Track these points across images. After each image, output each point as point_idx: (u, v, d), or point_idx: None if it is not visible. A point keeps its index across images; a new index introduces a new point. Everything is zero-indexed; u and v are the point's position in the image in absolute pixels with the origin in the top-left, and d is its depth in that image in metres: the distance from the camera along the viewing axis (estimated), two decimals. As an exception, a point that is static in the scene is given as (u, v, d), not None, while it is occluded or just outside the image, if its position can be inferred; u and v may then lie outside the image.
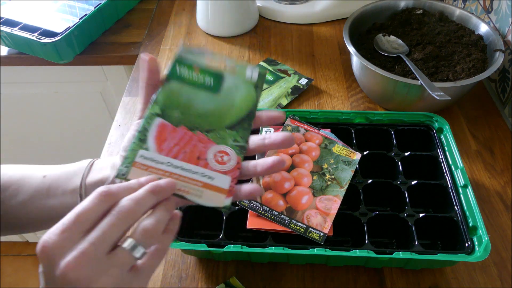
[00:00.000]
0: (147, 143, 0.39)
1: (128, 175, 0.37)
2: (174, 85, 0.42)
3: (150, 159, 0.38)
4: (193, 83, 0.42)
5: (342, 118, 0.67)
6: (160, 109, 0.40)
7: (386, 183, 0.59)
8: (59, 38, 0.85)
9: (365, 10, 0.84)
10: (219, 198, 0.38)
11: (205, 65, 0.43)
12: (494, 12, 0.82)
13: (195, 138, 0.40)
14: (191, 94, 0.41)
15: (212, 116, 0.41)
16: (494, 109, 0.79)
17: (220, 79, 0.42)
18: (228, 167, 0.39)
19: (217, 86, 0.42)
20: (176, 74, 0.42)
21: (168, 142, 0.39)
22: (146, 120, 0.40)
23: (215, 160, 0.39)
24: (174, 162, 0.38)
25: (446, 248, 0.57)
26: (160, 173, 0.37)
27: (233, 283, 0.56)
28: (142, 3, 1.08)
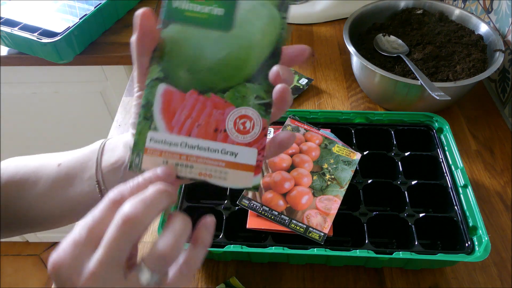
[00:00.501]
0: (154, 121, 0.33)
1: (142, 165, 0.32)
2: (173, 29, 0.33)
3: (162, 142, 0.33)
4: (197, 20, 0.33)
5: (342, 118, 0.67)
6: (162, 70, 0.33)
7: (386, 183, 0.59)
8: (59, 38, 0.85)
9: (365, 10, 0.84)
10: (246, 177, 0.32)
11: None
12: (494, 12, 0.82)
13: (208, 104, 0.33)
14: (197, 38, 0.33)
15: (227, 66, 0.33)
16: (494, 109, 0.79)
17: (231, 3, 0.33)
18: (253, 136, 0.33)
19: (228, 16, 0.33)
20: (174, 9, 0.33)
21: (178, 115, 0.33)
22: (147, 90, 0.33)
23: (236, 130, 0.33)
24: (189, 140, 0.33)
25: (446, 248, 0.57)
26: (176, 157, 0.32)
27: (233, 283, 0.56)
28: (142, 3, 1.08)
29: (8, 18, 0.90)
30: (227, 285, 0.56)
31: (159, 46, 0.33)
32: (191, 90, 0.33)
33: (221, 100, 0.33)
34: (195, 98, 0.33)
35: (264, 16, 0.33)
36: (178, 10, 0.33)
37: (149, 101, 0.33)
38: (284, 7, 0.33)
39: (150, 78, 0.33)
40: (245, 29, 0.33)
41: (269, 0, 0.33)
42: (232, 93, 0.33)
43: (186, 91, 0.33)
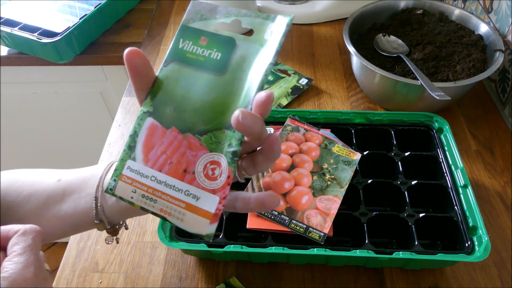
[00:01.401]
0: (135, 152, 0.34)
1: (115, 190, 0.35)
2: (171, 69, 0.35)
3: (136, 172, 0.34)
4: (194, 62, 0.35)
5: (342, 118, 0.67)
6: (152, 105, 0.35)
7: (386, 183, 0.59)
8: (59, 38, 0.85)
9: (365, 10, 0.84)
10: (201, 223, 0.33)
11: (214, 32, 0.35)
12: (494, 12, 0.82)
13: (184, 144, 0.34)
14: (190, 79, 0.35)
15: (211, 110, 0.34)
16: (494, 109, 0.79)
17: (230, 48, 0.35)
18: (218, 184, 0.33)
19: (224, 61, 0.35)
20: (178, 50, 0.35)
21: (155, 150, 0.34)
22: (137, 122, 0.35)
23: (204, 174, 0.33)
24: (159, 176, 0.34)
25: (446, 248, 0.57)
26: (144, 188, 0.34)
27: (233, 283, 0.56)
28: (142, 3, 1.08)
29: (8, 18, 0.90)
30: (227, 285, 0.56)
31: (156, 82, 0.35)
32: (172, 127, 0.34)
33: (196, 142, 0.34)
34: (174, 136, 0.34)
35: (256, 64, 0.34)
36: (181, 51, 0.35)
37: (136, 132, 0.35)
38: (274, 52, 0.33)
39: (142, 110, 0.35)
40: (235, 75, 0.34)
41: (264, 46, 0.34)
42: (209, 136, 0.34)
43: (168, 128, 0.34)
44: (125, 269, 0.58)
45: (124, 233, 0.62)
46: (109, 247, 0.60)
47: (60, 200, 0.41)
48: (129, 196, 0.35)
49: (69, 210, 0.41)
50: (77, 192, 0.41)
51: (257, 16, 0.35)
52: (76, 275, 0.58)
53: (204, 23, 0.36)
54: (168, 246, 0.52)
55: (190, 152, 0.34)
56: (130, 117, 0.80)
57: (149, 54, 0.93)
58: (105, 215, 0.40)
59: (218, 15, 0.36)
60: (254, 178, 0.58)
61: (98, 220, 0.41)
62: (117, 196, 0.35)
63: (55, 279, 0.57)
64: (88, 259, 0.59)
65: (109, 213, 0.41)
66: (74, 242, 0.61)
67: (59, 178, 0.42)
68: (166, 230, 0.53)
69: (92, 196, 0.40)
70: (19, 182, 0.43)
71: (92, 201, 0.40)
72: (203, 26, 0.36)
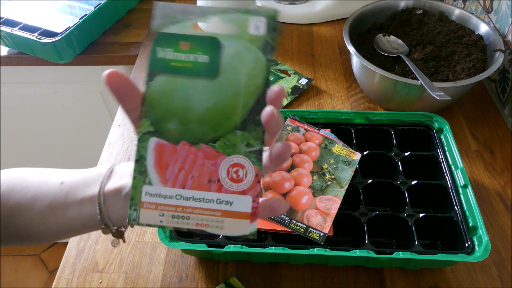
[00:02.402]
0: (148, 175, 0.33)
1: (139, 219, 0.33)
2: (160, 82, 0.33)
3: (157, 195, 0.33)
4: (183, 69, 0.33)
5: (342, 118, 0.67)
6: (152, 123, 0.33)
7: (386, 183, 0.59)
8: (59, 38, 0.85)
9: (365, 10, 0.84)
10: (242, 225, 0.33)
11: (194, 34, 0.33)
12: (494, 12, 0.82)
13: (200, 155, 0.33)
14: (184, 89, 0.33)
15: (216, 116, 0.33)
16: (494, 109, 0.79)
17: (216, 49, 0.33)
18: (246, 184, 0.33)
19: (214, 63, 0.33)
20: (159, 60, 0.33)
21: (171, 168, 0.33)
22: (140, 145, 0.33)
23: (230, 179, 0.33)
24: (184, 192, 0.33)
25: (446, 248, 0.57)
26: (172, 209, 0.33)
27: (233, 283, 0.56)
28: (142, 3, 1.08)
29: (8, 18, 0.90)
30: (227, 285, 0.56)
31: (147, 100, 0.33)
32: (182, 142, 0.33)
33: (212, 150, 0.33)
34: (187, 150, 0.33)
35: (250, 61, 0.33)
36: (163, 60, 0.33)
37: (142, 156, 0.33)
38: (268, 48, 0.33)
39: (141, 132, 0.33)
40: (231, 75, 0.33)
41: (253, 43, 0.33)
42: (222, 142, 0.33)
43: (177, 143, 0.33)
44: (125, 269, 0.58)
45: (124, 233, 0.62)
46: (109, 247, 0.60)
47: (64, 204, 0.41)
48: (157, 221, 0.33)
49: (74, 215, 0.41)
50: (79, 196, 0.41)
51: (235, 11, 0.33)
52: (76, 275, 0.58)
53: (179, 27, 0.33)
54: (168, 246, 0.52)
55: (209, 161, 0.33)
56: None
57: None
58: (110, 219, 0.40)
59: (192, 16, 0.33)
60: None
61: (103, 225, 0.40)
62: (144, 225, 0.33)
63: (55, 279, 0.57)
64: (88, 259, 0.59)
65: (114, 219, 0.40)
66: (74, 242, 0.61)
67: (62, 180, 0.42)
68: (166, 230, 0.53)
69: (95, 202, 0.40)
70: (25, 182, 0.42)
71: (95, 207, 0.40)
72: (178, 29, 0.33)
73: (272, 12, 0.33)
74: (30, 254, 1.66)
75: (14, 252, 1.66)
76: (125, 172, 0.41)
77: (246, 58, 0.33)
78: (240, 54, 0.33)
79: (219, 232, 0.33)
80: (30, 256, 1.65)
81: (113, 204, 0.40)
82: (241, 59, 0.33)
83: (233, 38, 0.33)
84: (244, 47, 0.33)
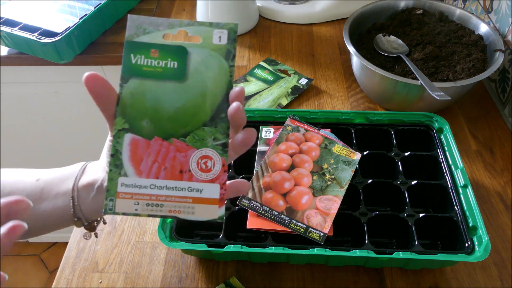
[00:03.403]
0: (124, 168, 0.36)
1: (115, 208, 0.36)
2: (133, 84, 0.37)
3: (133, 185, 0.36)
4: (154, 73, 0.37)
5: (342, 118, 0.67)
6: (127, 121, 0.36)
7: (386, 183, 0.59)
8: (59, 38, 0.85)
9: (365, 10, 0.84)
10: (212, 210, 0.36)
11: (163, 43, 0.37)
12: (494, 12, 0.82)
13: (172, 149, 0.37)
14: (155, 91, 0.37)
15: (185, 114, 0.37)
16: (494, 109, 0.79)
17: (183, 56, 0.37)
18: (214, 174, 0.36)
19: (182, 68, 0.37)
20: (132, 65, 0.37)
21: (145, 161, 0.36)
22: (115, 141, 0.36)
23: (199, 169, 0.36)
24: (157, 182, 0.36)
25: (446, 248, 0.57)
26: (146, 198, 0.36)
27: (233, 283, 0.56)
28: (142, 3, 1.08)
29: (8, 18, 0.90)
30: (227, 285, 0.56)
31: (122, 100, 0.37)
32: (155, 137, 0.37)
33: (183, 144, 0.37)
34: (160, 144, 0.37)
35: (214, 66, 0.37)
36: (136, 66, 0.37)
37: (117, 150, 0.36)
38: (230, 56, 0.37)
39: (116, 129, 0.37)
40: (198, 79, 0.37)
41: (217, 51, 0.37)
42: (192, 137, 0.37)
43: (150, 138, 0.37)
44: (125, 269, 0.58)
45: (124, 233, 0.62)
46: (109, 247, 0.60)
47: (39, 199, 0.43)
48: (132, 209, 0.36)
49: (47, 208, 0.43)
50: (54, 191, 0.43)
51: (200, 24, 0.37)
52: (76, 275, 0.58)
53: (149, 37, 0.37)
54: (168, 246, 0.52)
55: (180, 154, 0.37)
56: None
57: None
58: (82, 213, 0.43)
59: (161, 27, 0.37)
60: (254, 178, 0.58)
61: (76, 218, 0.43)
62: (119, 214, 0.36)
63: (55, 279, 0.57)
64: (88, 259, 0.59)
65: (86, 211, 0.43)
66: (74, 242, 0.61)
67: (37, 177, 0.44)
68: (166, 230, 0.53)
69: (69, 196, 0.42)
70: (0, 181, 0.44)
71: (69, 201, 0.42)
72: (149, 39, 0.37)
73: (232, 26, 0.37)
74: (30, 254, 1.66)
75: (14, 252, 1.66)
76: (97, 168, 0.43)
77: (210, 64, 0.37)
78: (205, 61, 0.37)
79: (190, 218, 0.36)
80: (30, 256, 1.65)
81: (85, 198, 0.42)
82: (206, 65, 0.37)
83: (199, 46, 0.37)
84: (208, 54, 0.37)
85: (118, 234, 0.62)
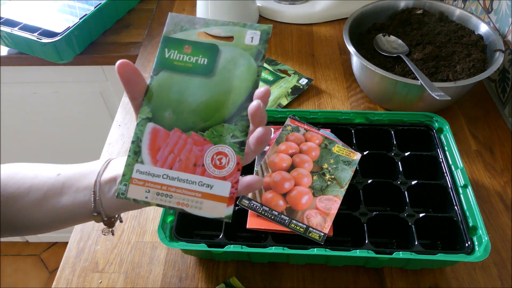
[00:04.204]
0: (141, 155, 0.37)
1: (127, 193, 0.37)
2: (162, 77, 0.38)
3: (146, 173, 0.37)
4: (184, 68, 0.38)
5: (342, 118, 0.67)
6: (151, 111, 0.38)
7: (386, 183, 0.59)
8: (59, 38, 0.85)
9: (365, 10, 0.84)
10: (219, 208, 0.36)
11: (197, 40, 0.38)
12: (494, 12, 0.82)
13: (189, 141, 0.37)
14: (182, 84, 0.38)
15: (207, 109, 0.37)
16: (494, 109, 0.79)
17: (214, 53, 0.38)
18: (227, 171, 0.36)
19: (211, 65, 0.38)
20: (165, 59, 0.38)
21: (162, 151, 0.37)
22: (138, 128, 0.38)
23: (213, 165, 0.37)
24: (170, 173, 0.37)
25: (446, 248, 0.57)
26: (157, 187, 0.37)
27: (233, 283, 0.56)
28: (142, 3, 1.08)
29: (8, 18, 0.90)
30: (227, 285, 0.56)
31: (150, 91, 0.38)
32: (174, 128, 0.38)
33: (200, 138, 0.37)
34: (178, 136, 0.37)
35: (242, 65, 0.38)
36: (169, 60, 0.38)
37: (138, 138, 0.37)
38: (260, 56, 0.38)
39: (140, 117, 0.38)
40: (225, 76, 0.38)
41: (247, 51, 0.38)
42: (210, 132, 0.37)
43: (170, 129, 0.37)
44: (125, 269, 0.58)
45: (124, 233, 0.62)
46: (109, 247, 0.60)
47: (59, 193, 0.43)
48: (143, 197, 0.37)
49: (67, 202, 0.43)
50: (75, 186, 0.43)
51: (235, 24, 0.38)
52: (76, 275, 0.58)
53: (184, 33, 0.39)
54: (168, 246, 0.52)
55: (196, 147, 0.37)
56: (130, 117, 0.80)
57: (149, 54, 0.93)
58: (103, 208, 0.42)
59: (197, 25, 0.39)
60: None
61: (96, 213, 0.42)
62: (130, 199, 0.37)
63: (55, 279, 0.57)
64: (88, 259, 0.59)
65: (106, 207, 0.42)
66: (74, 242, 0.61)
67: (58, 172, 0.44)
68: (166, 230, 0.53)
69: (91, 191, 0.42)
70: (20, 175, 0.44)
71: (90, 195, 0.42)
72: (184, 36, 0.39)
73: (266, 28, 0.38)
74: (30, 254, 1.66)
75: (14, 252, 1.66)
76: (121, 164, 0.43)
77: (239, 63, 0.38)
78: (235, 59, 0.38)
79: (197, 213, 0.36)
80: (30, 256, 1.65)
81: (106, 192, 0.42)
82: (235, 63, 0.38)
83: (230, 45, 0.38)
84: (239, 53, 0.38)
85: (118, 234, 0.62)
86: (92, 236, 0.62)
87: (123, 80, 0.37)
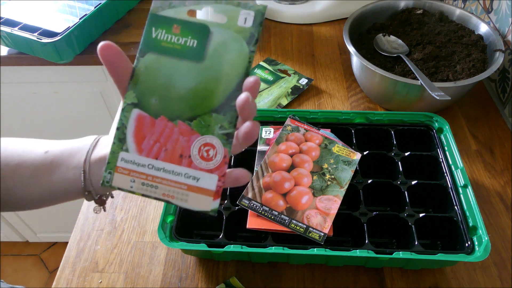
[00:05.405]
0: (126, 143, 0.35)
1: (112, 182, 0.35)
2: (149, 59, 0.36)
3: (131, 162, 0.35)
4: (172, 50, 0.35)
5: (342, 118, 0.67)
6: (136, 96, 0.35)
7: (386, 183, 0.59)
8: (59, 38, 0.85)
9: (365, 10, 0.84)
10: (205, 201, 0.35)
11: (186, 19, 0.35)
12: (494, 12, 0.82)
13: (176, 131, 0.35)
14: (169, 69, 0.35)
15: (196, 96, 0.35)
16: (494, 109, 0.79)
17: (205, 36, 0.35)
18: (215, 164, 0.35)
19: (201, 48, 0.35)
20: (152, 39, 0.36)
21: (147, 139, 0.35)
22: (123, 114, 0.36)
23: (200, 156, 0.35)
24: (156, 163, 0.35)
25: (446, 248, 0.57)
26: (143, 177, 0.35)
27: (233, 283, 0.56)
28: (142, 3, 1.08)
29: (8, 18, 0.90)
30: (227, 285, 0.56)
31: (135, 74, 0.36)
32: (161, 116, 0.35)
33: (187, 128, 0.35)
34: (164, 124, 0.35)
35: (234, 49, 0.35)
36: (156, 40, 0.36)
37: (123, 124, 0.36)
38: (253, 40, 0.35)
39: (126, 102, 0.36)
40: (215, 61, 0.35)
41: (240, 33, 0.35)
42: (198, 121, 0.35)
43: (157, 117, 0.35)
44: (125, 269, 0.58)
45: (124, 233, 0.62)
46: (109, 247, 0.60)
47: (48, 171, 0.42)
48: (128, 186, 0.35)
49: (58, 180, 0.42)
50: (65, 164, 0.42)
51: (227, 3, 0.35)
52: (76, 275, 0.58)
53: (174, 11, 0.36)
54: (168, 246, 0.52)
55: (183, 137, 0.35)
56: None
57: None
58: (93, 187, 0.42)
59: (188, 2, 0.36)
60: (254, 178, 0.58)
61: (86, 192, 0.42)
62: (115, 188, 0.35)
63: (55, 279, 0.57)
64: (88, 259, 0.59)
65: (96, 185, 0.42)
66: (74, 242, 0.61)
67: (46, 149, 0.43)
68: (166, 230, 0.53)
69: (80, 169, 0.41)
70: (8, 152, 0.43)
71: (80, 174, 0.41)
72: (173, 14, 0.36)
73: (261, 8, 0.35)
74: (30, 254, 1.66)
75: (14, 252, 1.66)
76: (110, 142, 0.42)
77: (231, 47, 0.35)
78: (226, 43, 0.35)
79: (183, 205, 0.35)
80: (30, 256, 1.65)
81: (96, 172, 0.41)
82: (226, 48, 0.35)
83: (222, 27, 0.35)
84: (231, 36, 0.35)
85: (118, 234, 0.62)
86: (92, 236, 0.62)
87: (105, 63, 0.35)
